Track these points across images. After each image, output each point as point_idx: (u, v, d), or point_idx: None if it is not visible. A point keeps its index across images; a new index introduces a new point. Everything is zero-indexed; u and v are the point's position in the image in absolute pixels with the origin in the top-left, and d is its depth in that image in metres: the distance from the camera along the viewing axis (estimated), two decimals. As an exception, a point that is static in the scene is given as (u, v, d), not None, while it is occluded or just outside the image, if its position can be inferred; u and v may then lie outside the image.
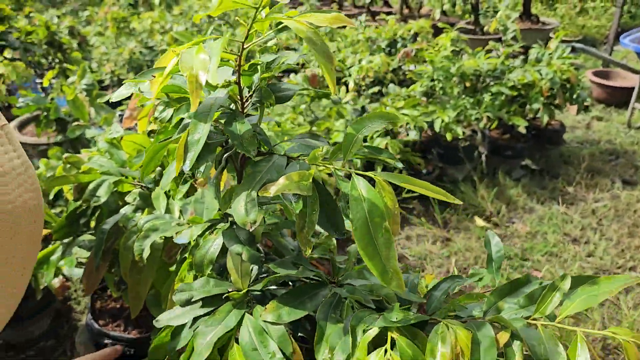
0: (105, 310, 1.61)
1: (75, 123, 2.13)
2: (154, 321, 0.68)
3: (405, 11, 6.75)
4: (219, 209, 0.78)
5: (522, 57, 3.52)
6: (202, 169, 0.62)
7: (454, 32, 3.67)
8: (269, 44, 0.70)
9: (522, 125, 3.52)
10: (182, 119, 0.66)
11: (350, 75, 4.07)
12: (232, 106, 0.68)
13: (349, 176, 0.66)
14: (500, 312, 0.62)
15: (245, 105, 0.68)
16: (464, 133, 3.39)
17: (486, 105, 3.11)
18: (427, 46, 3.50)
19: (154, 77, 0.59)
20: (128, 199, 0.98)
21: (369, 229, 0.58)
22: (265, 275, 0.71)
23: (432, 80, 3.30)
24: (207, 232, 0.73)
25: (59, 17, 5.47)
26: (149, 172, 0.75)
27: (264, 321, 0.65)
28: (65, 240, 1.10)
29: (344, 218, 0.65)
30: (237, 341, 0.65)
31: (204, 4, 5.41)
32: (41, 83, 3.12)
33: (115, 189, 1.00)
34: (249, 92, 0.69)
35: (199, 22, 5.34)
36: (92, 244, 1.02)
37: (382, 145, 2.85)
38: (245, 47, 0.65)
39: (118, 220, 0.94)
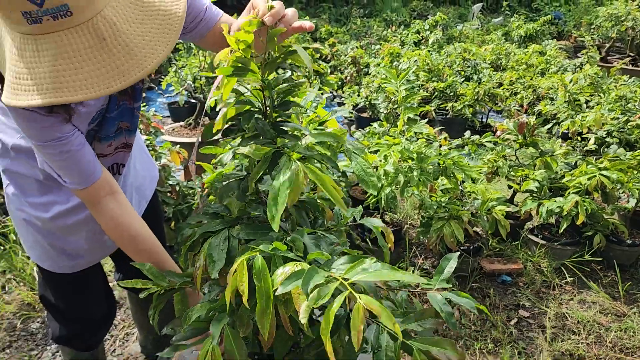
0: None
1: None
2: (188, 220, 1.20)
3: None
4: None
5: None
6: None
7: None
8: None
9: None
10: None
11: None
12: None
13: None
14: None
15: (267, 107, 1.12)
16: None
17: None
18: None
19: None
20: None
21: (278, 193, 0.96)
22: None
23: (664, 147, 3.02)
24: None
25: (353, 48, 6.55)
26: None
27: (230, 234, 1.09)
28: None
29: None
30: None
31: (467, 47, 5.76)
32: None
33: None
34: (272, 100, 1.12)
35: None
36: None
37: (571, 201, 2.80)
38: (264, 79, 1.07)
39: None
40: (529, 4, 13.67)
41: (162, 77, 5.24)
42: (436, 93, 5.11)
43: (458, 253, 1.14)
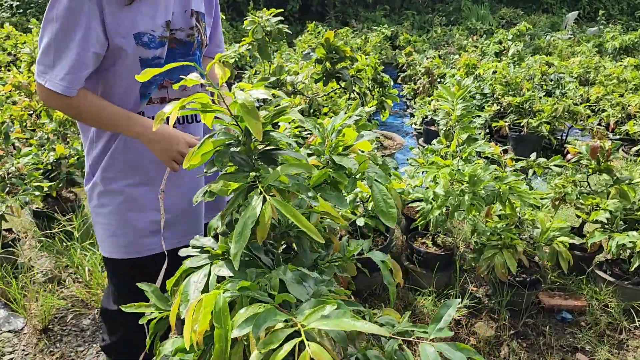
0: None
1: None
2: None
3: None
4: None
5: None
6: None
7: None
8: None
9: None
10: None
11: None
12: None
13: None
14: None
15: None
16: None
17: None
18: None
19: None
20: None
21: (242, 230, 0.91)
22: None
23: None
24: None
25: (428, 58, 6.37)
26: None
27: (210, 270, 1.06)
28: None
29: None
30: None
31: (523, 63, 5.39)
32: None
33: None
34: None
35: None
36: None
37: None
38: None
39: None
40: (632, 13, 12.68)
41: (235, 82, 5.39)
42: (511, 108, 4.84)
43: (459, 300, 1.05)
